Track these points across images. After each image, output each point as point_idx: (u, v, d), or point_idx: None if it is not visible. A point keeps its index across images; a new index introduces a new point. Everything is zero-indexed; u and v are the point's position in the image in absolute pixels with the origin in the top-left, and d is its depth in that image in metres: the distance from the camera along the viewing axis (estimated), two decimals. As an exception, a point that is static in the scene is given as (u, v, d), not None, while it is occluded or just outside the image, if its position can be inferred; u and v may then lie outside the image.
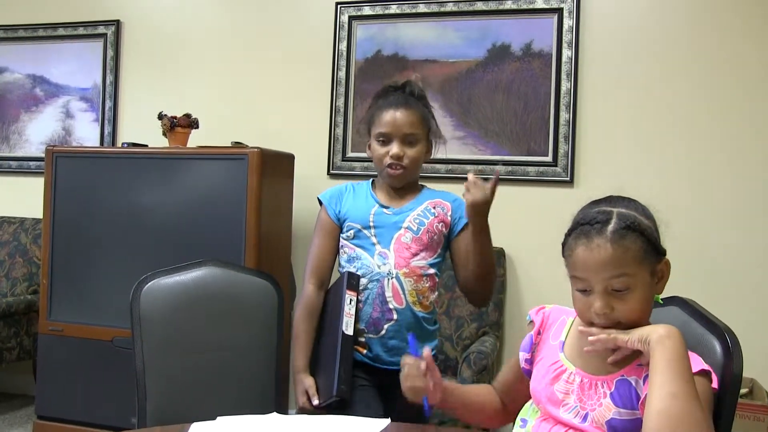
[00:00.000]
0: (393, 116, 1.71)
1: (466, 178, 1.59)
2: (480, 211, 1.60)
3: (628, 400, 1.12)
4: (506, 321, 3.05)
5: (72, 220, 3.08)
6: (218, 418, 1.35)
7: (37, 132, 3.90)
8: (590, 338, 1.14)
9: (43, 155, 3.23)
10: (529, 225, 3.04)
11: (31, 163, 3.88)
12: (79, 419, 3.03)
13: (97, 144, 3.75)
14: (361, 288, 1.69)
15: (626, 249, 1.10)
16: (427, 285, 1.72)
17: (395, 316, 1.69)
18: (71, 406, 3.04)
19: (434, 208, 1.75)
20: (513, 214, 3.08)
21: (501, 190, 3.09)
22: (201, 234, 2.86)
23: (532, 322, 1.32)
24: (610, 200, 1.20)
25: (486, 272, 1.71)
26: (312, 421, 1.40)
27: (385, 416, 1.45)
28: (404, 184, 1.77)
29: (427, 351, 1.32)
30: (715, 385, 1.12)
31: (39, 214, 3.28)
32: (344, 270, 1.73)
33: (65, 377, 3.05)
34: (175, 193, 2.94)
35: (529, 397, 1.29)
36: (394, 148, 1.70)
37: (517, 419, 1.28)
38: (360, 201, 1.78)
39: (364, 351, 1.71)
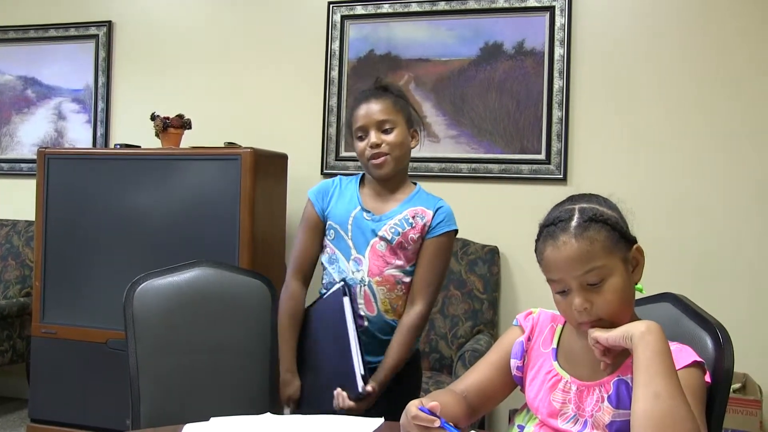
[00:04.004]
0: (366, 109, 1.72)
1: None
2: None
3: (626, 400, 1.11)
4: (501, 319, 3.05)
5: (65, 222, 3.07)
6: (212, 418, 1.35)
7: (29, 134, 3.88)
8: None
9: (35, 157, 3.21)
10: (522, 223, 2.99)
11: (23, 165, 3.86)
12: (73, 422, 3.02)
13: (90, 145, 3.74)
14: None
15: (592, 241, 1.11)
16: (402, 293, 1.71)
17: (366, 323, 1.69)
18: (65, 409, 3.03)
19: (413, 217, 1.71)
20: (507, 212, 3.08)
21: (495, 187, 3.15)
22: (194, 235, 2.85)
23: (519, 326, 1.31)
24: (572, 199, 1.21)
25: None
26: (305, 421, 1.40)
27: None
28: (393, 176, 1.73)
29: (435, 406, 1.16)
30: (708, 378, 1.12)
31: (31, 216, 3.26)
32: (335, 282, 1.71)
33: (59, 380, 3.04)
34: (169, 194, 2.93)
35: (502, 399, 1.31)
36: (372, 137, 1.69)
37: (514, 426, 1.28)
38: (344, 200, 1.76)
39: None
